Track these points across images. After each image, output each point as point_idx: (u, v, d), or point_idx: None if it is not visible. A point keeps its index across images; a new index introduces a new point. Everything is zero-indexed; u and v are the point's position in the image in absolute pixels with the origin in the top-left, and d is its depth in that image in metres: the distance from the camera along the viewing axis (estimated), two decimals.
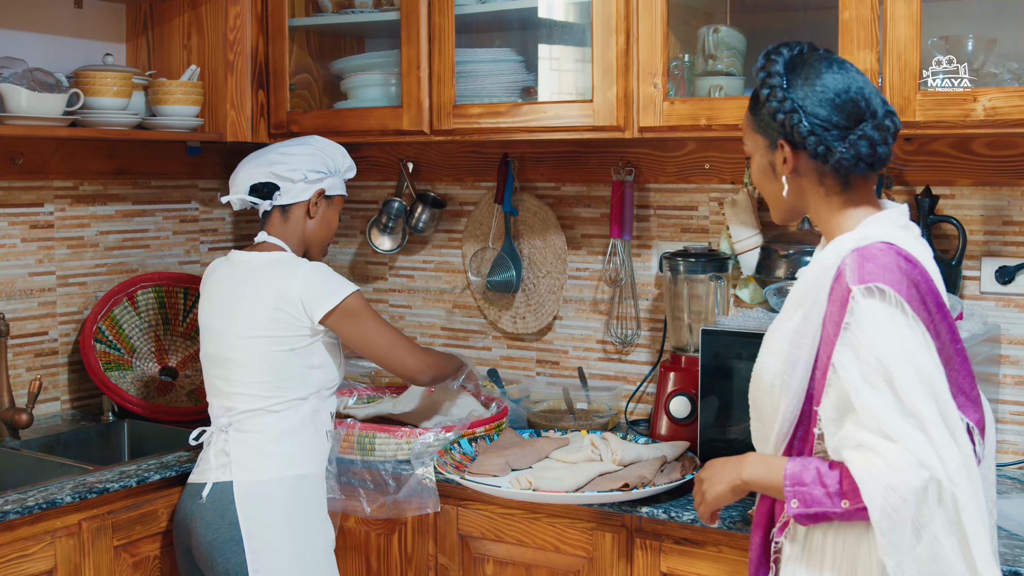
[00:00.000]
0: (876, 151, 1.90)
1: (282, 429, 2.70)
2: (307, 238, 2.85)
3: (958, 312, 2.61)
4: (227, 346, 2.74)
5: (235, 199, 2.83)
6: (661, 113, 2.80)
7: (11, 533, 2.54)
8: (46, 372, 3.41)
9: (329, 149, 2.87)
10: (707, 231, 3.24)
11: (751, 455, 2.01)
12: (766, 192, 2.06)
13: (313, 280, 2.70)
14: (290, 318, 2.68)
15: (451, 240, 3.70)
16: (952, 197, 2.87)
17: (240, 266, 2.79)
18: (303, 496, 2.72)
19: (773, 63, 1.95)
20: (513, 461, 2.79)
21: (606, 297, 3.41)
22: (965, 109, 2.44)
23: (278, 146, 2.86)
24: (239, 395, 2.72)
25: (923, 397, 1.75)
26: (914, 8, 2.46)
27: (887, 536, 1.72)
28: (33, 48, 3.32)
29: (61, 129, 3.07)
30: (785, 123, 1.92)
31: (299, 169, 2.79)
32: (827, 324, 1.87)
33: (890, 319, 1.78)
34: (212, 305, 2.81)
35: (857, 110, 1.90)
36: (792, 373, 1.91)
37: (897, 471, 1.72)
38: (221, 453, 2.71)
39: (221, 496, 2.66)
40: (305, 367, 2.72)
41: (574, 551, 2.69)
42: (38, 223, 3.36)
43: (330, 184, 2.85)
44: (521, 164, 3.50)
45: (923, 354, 1.78)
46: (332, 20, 3.43)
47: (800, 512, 1.85)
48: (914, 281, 1.83)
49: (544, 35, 3.21)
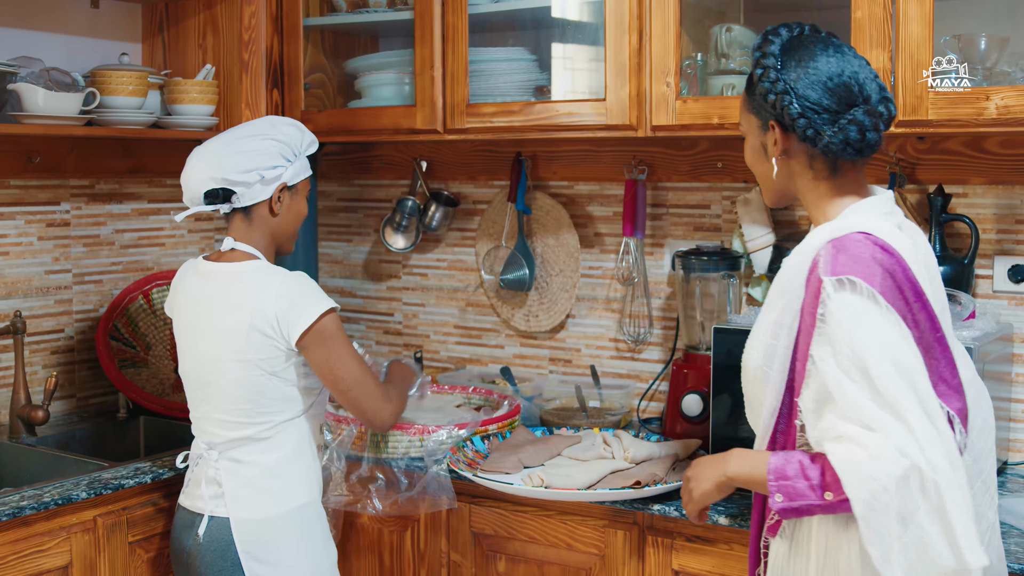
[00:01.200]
0: (865, 136, 1.90)
1: (276, 458, 2.54)
2: (275, 235, 2.62)
3: (970, 311, 2.61)
4: (205, 368, 2.55)
5: (192, 210, 2.60)
6: (674, 112, 2.81)
7: (27, 529, 2.56)
8: (62, 369, 3.43)
9: (284, 132, 2.59)
10: (720, 230, 3.25)
11: (736, 451, 2.01)
12: (757, 173, 2.07)
13: (289, 294, 2.47)
14: (265, 339, 2.47)
15: (464, 238, 3.71)
16: (965, 196, 2.87)
17: (209, 278, 2.57)
18: (305, 527, 2.59)
19: (770, 43, 1.96)
20: (526, 459, 2.80)
21: (619, 295, 3.42)
22: (978, 108, 2.43)
23: (228, 140, 2.57)
24: (224, 421, 2.54)
25: (901, 387, 1.75)
26: (926, 7, 2.46)
27: (871, 526, 1.72)
28: (50, 48, 3.34)
29: (77, 128, 3.09)
30: (776, 104, 1.93)
31: (254, 169, 2.53)
32: (804, 314, 1.87)
33: (863, 310, 1.79)
34: (183, 322, 2.63)
35: (849, 95, 1.91)
36: (771, 365, 1.92)
37: (877, 461, 1.71)
38: (213, 483, 2.55)
39: (219, 535, 2.52)
40: (288, 386, 2.54)
41: (586, 548, 2.70)
42: (54, 221, 3.39)
43: (291, 174, 2.59)
44: (534, 163, 3.51)
45: (899, 344, 1.78)
46: (346, 19, 3.45)
47: (784, 506, 1.84)
48: (890, 271, 1.82)
49: (557, 34, 3.22)
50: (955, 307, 2.60)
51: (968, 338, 2.46)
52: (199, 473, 2.59)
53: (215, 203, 2.55)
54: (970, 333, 2.49)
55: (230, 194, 2.54)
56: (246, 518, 2.52)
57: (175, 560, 2.65)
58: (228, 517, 2.52)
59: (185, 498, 2.64)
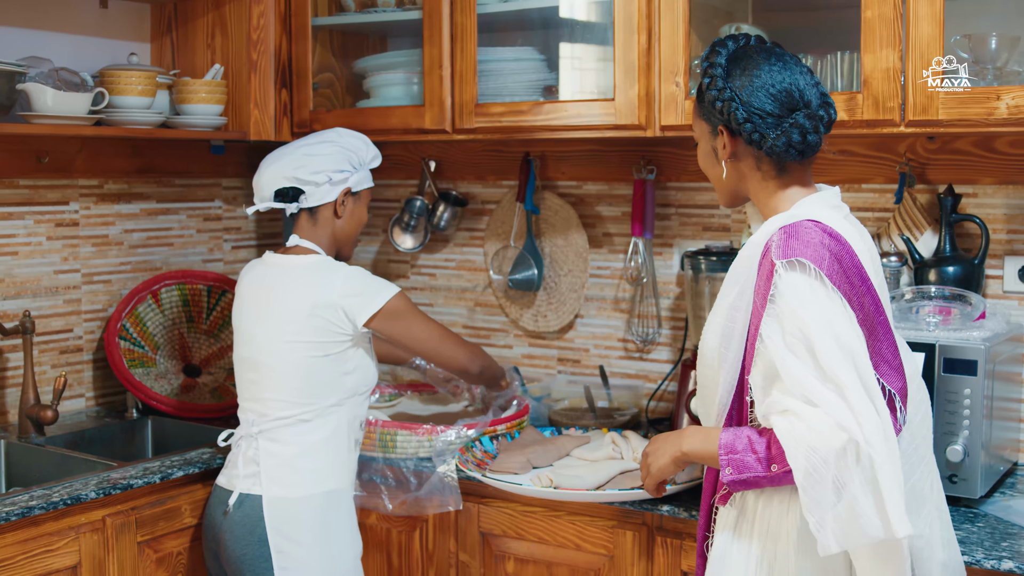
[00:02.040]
0: (806, 139, 2.02)
1: (313, 441, 2.68)
2: (337, 237, 2.82)
3: (981, 311, 2.60)
4: (260, 351, 2.71)
5: (261, 207, 2.79)
6: (683, 112, 2.81)
7: (36, 528, 2.56)
8: (71, 369, 3.44)
9: (351, 143, 2.81)
10: (728, 230, 3.24)
11: (690, 428, 2.14)
12: (710, 175, 2.20)
13: (354, 285, 2.68)
14: (328, 324, 2.65)
15: (473, 239, 3.70)
16: (975, 196, 2.86)
17: (274, 268, 2.77)
18: (333, 512, 2.71)
19: (717, 55, 2.09)
20: (534, 459, 2.80)
21: (627, 296, 3.41)
22: (988, 108, 2.43)
23: (300, 145, 2.79)
24: (271, 400, 2.69)
25: (842, 364, 1.86)
26: (937, 7, 2.45)
27: (808, 494, 1.84)
28: (59, 48, 3.35)
29: (86, 128, 3.09)
30: (723, 110, 2.05)
31: (323, 171, 2.74)
32: (756, 296, 1.98)
33: (810, 290, 1.90)
34: (245, 308, 2.79)
35: (791, 100, 2.03)
36: (728, 346, 2.03)
37: (818, 434, 1.83)
38: (250, 462, 2.69)
39: (250, 510, 2.66)
40: (339, 373, 2.70)
41: (595, 549, 2.70)
42: (63, 221, 3.39)
43: (356, 180, 2.81)
44: (543, 163, 3.50)
45: (842, 323, 1.89)
46: (355, 19, 3.45)
47: (734, 478, 1.97)
48: (837, 256, 1.93)
49: (566, 34, 3.21)
50: (966, 307, 2.60)
51: (978, 339, 2.46)
52: (238, 453, 2.74)
53: (284, 201, 2.75)
54: (980, 334, 2.49)
55: (299, 193, 2.74)
56: (278, 496, 2.66)
57: (206, 536, 2.79)
58: (261, 495, 2.66)
59: (222, 477, 2.78)
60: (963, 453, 2.44)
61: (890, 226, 2.90)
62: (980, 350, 2.42)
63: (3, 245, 3.25)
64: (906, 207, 2.88)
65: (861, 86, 2.56)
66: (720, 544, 2.09)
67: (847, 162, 3.02)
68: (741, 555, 2.04)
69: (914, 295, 2.68)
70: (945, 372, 2.45)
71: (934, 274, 2.76)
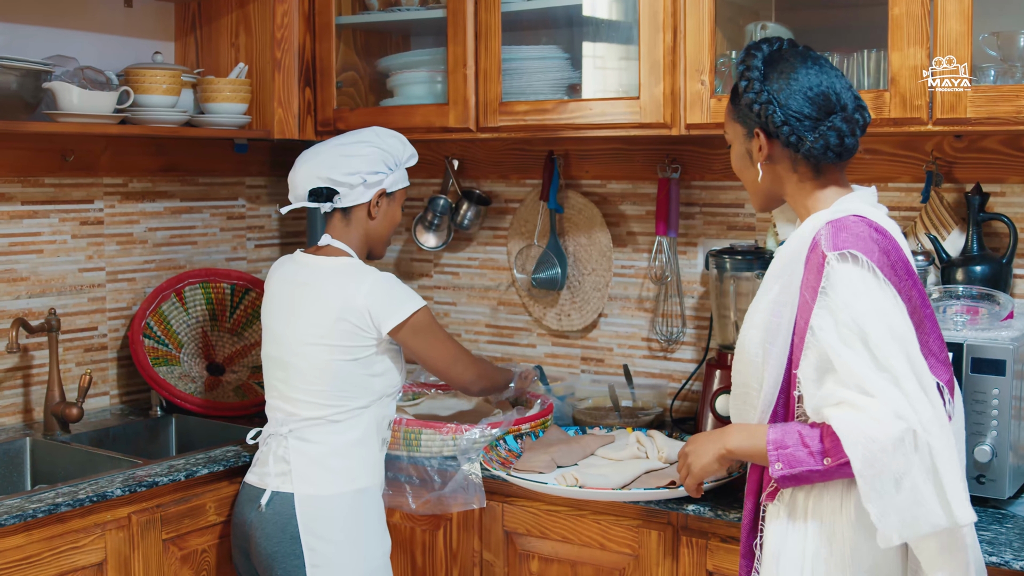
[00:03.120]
0: (844, 142, 2.04)
1: (344, 441, 2.69)
2: (370, 237, 2.81)
3: (1009, 311, 2.58)
4: (288, 351, 2.72)
5: (296, 205, 2.78)
6: (708, 110, 2.80)
7: (63, 525, 2.57)
8: (96, 367, 3.45)
9: (388, 143, 2.79)
10: (753, 229, 3.23)
11: (733, 426, 2.13)
12: (744, 178, 2.21)
13: (381, 292, 2.67)
14: (355, 328, 2.65)
15: (496, 237, 3.70)
16: (1003, 195, 2.84)
17: (304, 267, 2.76)
18: (364, 510, 2.72)
19: (753, 57, 2.10)
20: (559, 458, 2.79)
21: (651, 295, 3.40)
22: (1017, 105, 2.41)
23: (336, 144, 2.77)
24: (300, 401, 2.70)
25: (896, 354, 1.87)
26: (966, 3, 2.44)
27: (870, 483, 1.84)
28: (84, 47, 3.36)
29: (111, 126, 3.10)
30: (761, 113, 2.06)
31: (358, 172, 2.73)
32: (804, 291, 1.99)
33: (863, 281, 1.91)
34: (274, 306, 2.79)
35: (828, 104, 2.05)
36: (774, 341, 2.03)
37: (876, 422, 1.84)
38: (281, 460, 2.70)
39: (282, 508, 2.66)
40: (367, 375, 2.70)
41: (619, 548, 2.69)
42: (88, 220, 3.40)
43: (391, 181, 2.79)
44: (566, 161, 3.50)
45: (895, 314, 1.91)
46: (378, 18, 3.45)
47: (784, 473, 1.96)
48: (884, 249, 1.96)
49: (590, 32, 3.21)
50: (994, 307, 2.58)
51: (1007, 338, 2.44)
52: (267, 452, 2.74)
53: (318, 201, 2.74)
54: (1009, 333, 2.47)
55: (333, 193, 2.73)
56: (309, 494, 2.66)
57: (235, 533, 2.78)
58: (292, 493, 2.66)
59: (252, 476, 2.78)
60: (991, 454, 2.42)
61: (917, 225, 2.89)
62: (1008, 350, 2.41)
63: (28, 243, 3.26)
64: (933, 206, 2.87)
65: (888, 84, 2.55)
66: (773, 543, 2.07)
67: (874, 161, 3.00)
68: (796, 552, 2.03)
69: (941, 295, 2.66)
70: (973, 372, 2.44)
71: (961, 273, 2.74)
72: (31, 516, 2.48)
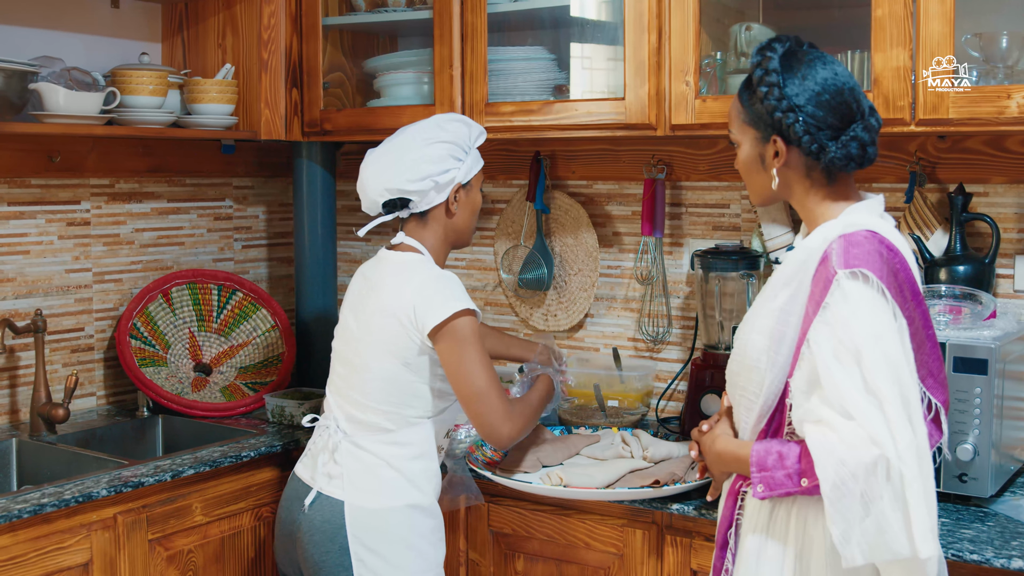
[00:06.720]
0: (866, 151, 2.01)
1: (398, 453, 2.55)
2: (449, 232, 2.65)
3: (991, 310, 2.59)
4: (350, 348, 2.61)
5: (376, 222, 2.66)
6: (693, 111, 2.81)
7: (48, 526, 2.57)
8: (82, 368, 3.45)
9: (451, 131, 2.61)
10: (739, 229, 3.24)
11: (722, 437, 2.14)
12: (751, 180, 2.15)
13: (431, 289, 2.50)
14: (400, 327, 2.50)
15: (483, 238, 3.71)
16: (986, 195, 2.86)
17: (379, 264, 2.64)
18: (415, 526, 2.57)
19: (769, 60, 2.02)
20: (544, 458, 2.80)
21: (637, 295, 3.41)
22: (999, 106, 2.42)
23: (398, 150, 2.59)
24: (357, 401, 2.57)
25: (886, 378, 1.85)
26: (947, 4, 2.45)
27: (835, 506, 1.84)
28: (71, 47, 3.36)
29: (98, 127, 3.11)
30: (782, 121, 2.00)
31: (427, 176, 2.56)
32: (808, 303, 1.96)
33: (870, 302, 1.88)
34: (347, 301, 2.69)
35: (849, 111, 1.99)
36: (779, 349, 2.00)
37: (849, 447, 1.83)
38: (331, 461, 2.58)
39: (331, 515, 2.54)
40: (422, 384, 2.56)
41: (605, 548, 2.70)
42: (75, 220, 3.40)
43: (464, 171, 2.61)
44: (553, 162, 3.51)
45: (893, 339, 1.88)
46: (365, 19, 3.45)
47: (766, 495, 1.96)
48: (893, 269, 1.92)
49: (576, 33, 3.22)
50: (976, 306, 2.59)
51: (989, 338, 2.45)
52: (320, 446, 2.62)
53: (394, 211, 2.62)
54: (991, 332, 2.48)
55: (407, 201, 2.59)
56: (361, 505, 2.53)
57: (279, 528, 2.67)
58: (343, 501, 2.54)
59: (302, 468, 2.67)
60: (973, 452, 2.44)
61: (901, 225, 2.90)
62: (990, 349, 2.42)
63: (15, 244, 3.26)
64: (916, 206, 2.88)
65: (871, 85, 2.56)
66: (754, 541, 2.05)
67: None
68: (776, 554, 2.02)
69: (924, 294, 2.67)
70: (955, 371, 2.45)
71: (944, 273, 2.75)
72: (16, 516, 2.48)
